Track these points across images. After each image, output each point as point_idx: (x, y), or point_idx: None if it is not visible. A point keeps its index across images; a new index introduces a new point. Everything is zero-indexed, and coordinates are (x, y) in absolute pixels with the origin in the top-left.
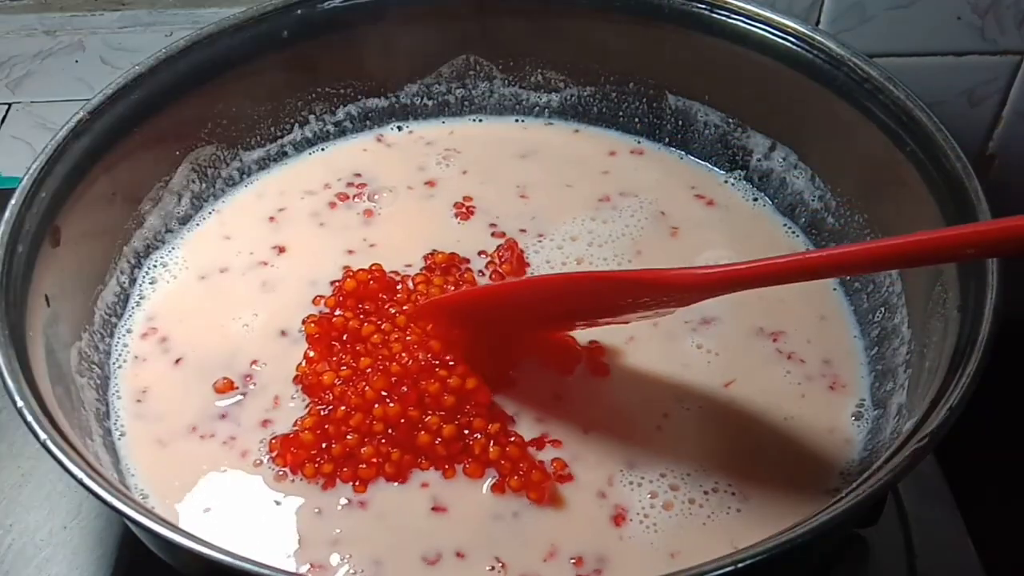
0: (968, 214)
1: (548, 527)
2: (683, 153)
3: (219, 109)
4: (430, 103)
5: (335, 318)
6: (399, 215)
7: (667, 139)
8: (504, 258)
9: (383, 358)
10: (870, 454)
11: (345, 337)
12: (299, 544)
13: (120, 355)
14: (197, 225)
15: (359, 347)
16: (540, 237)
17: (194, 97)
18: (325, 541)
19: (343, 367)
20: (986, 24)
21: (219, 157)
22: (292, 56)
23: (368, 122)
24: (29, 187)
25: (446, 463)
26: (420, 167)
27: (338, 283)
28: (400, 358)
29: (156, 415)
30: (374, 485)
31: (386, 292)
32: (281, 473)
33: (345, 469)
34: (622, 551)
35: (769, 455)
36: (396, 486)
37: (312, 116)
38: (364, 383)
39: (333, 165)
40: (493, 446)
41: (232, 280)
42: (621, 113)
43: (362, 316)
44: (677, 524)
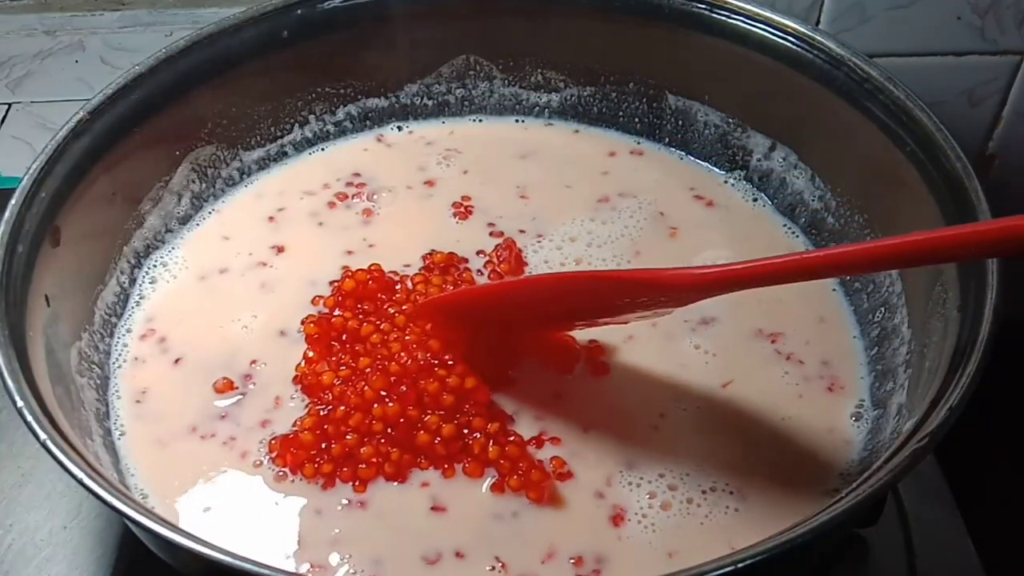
0: (968, 214)
1: (547, 527)
2: (683, 153)
3: (219, 109)
4: (430, 103)
5: (334, 318)
6: (398, 215)
7: (667, 139)
8: (502, 257)
9: (382, 358)
10: (870, 454)
11: (344, 337)
12: (299, 544)
13: (120, 355)
14: (197, 225)
15: (358, 347)
16: (539, 237)
17: (194, 97)
18: (325, 541)
19: (342, 367)
20: (986, 24)
21: (219, 157)
22: (292, 56)
23: (368, 122)
24: (29, 187)
25: (445, 463)
26: (420, 167)
27: (337, 283)
28: (399, 358)
29: (156, 415)
30: (374, 485)
31: (385, 292)
32: (281, 473)
33: (345, 469)
34: (620, 551)
35: (767, 455)
36: (396, 486)
37: (312, 116)
38: (363, 383)
39: (333, 165)
40: (492, 445)
41: (232, 280)
42: (621, 113)
43: (361, 316)
44: (675, 524)
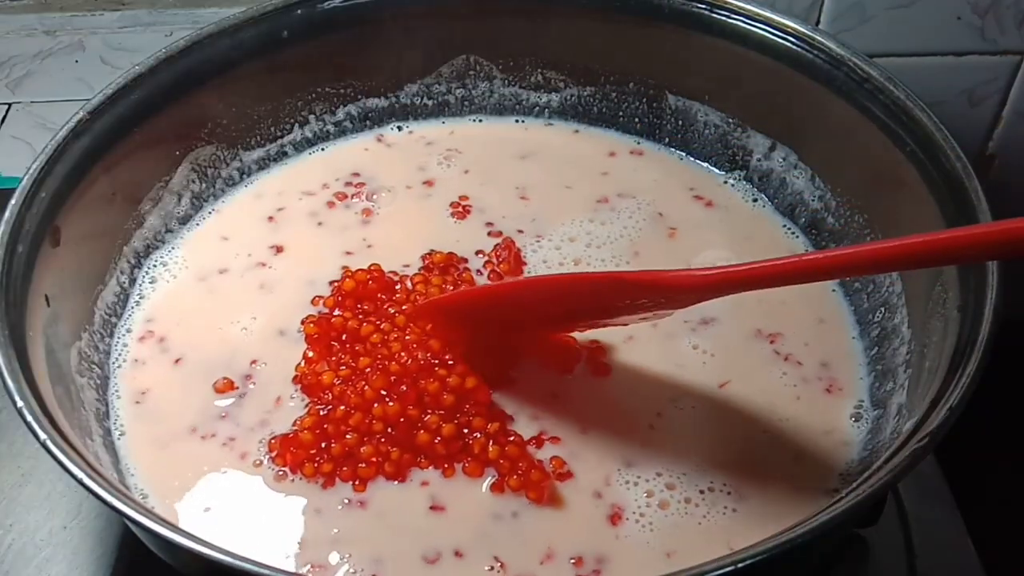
0: (968, 214)
1: (547, 527)
2: (683, 154)
3: (219, 109)
4: (430, 103)
5: (334, 318)
6: (398, 215)
7: (667, 139)
8: (501, 257)
9: (382, 357)
10: (870, 454)
11: (344, 337)
12: (299, 544)
13: (120, 355)
14: (197, 225)
15: (358, 347)
16: (538, 238)
17: (194, 97)
18: (325, 540)
19: (342, 367)
20: (986, 24)
21: (219, 157)
22: (292, 56)
23: (368, 122)
24: (29, 187)
25: (445, 462)
26: (420, 167)
27: (337, 283)
28: (399, 357)
29: (156, 415)
30: (373, 484)
31: (385, 292)
32: (281, 473)
33: (345, 468)
34: (619, 550)
35: (766, 456)
36: (395, 485)
37: (312, 116)
38: (363, 383)
39: (333, 165)
40: (492, 445)
41: (231, 280)
42: (621, 113)
43: (361, 316)
44: (673, 523)
